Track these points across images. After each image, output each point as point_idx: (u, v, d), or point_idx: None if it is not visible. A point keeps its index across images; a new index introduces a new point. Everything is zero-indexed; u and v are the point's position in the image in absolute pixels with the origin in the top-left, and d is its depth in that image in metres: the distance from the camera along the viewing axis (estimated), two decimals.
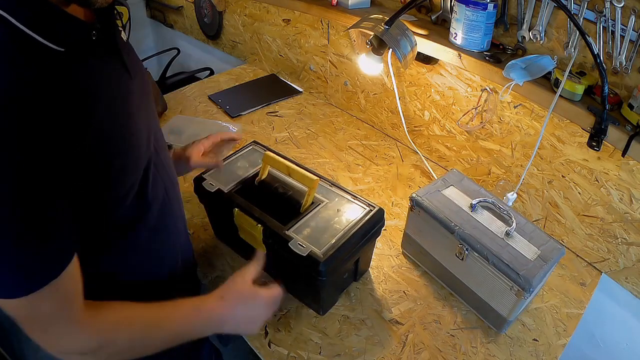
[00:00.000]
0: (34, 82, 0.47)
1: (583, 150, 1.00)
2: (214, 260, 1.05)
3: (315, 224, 0.88)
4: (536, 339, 0.92)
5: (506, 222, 0.93)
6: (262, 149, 1.09)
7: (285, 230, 0.86)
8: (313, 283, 0.86)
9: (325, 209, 0.91)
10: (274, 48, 1.79)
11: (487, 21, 1.00)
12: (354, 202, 0.93)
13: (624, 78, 0.90)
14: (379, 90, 1.46)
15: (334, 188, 0.96)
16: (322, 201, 0.93)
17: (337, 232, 0.86)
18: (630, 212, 0.97)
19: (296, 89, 1.75)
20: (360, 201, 0.93)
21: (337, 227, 0.87)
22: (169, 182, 0.75)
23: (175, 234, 0.79)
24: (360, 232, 0.87)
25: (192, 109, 1.63)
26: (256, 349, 0.88)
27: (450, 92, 1.24)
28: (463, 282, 0.95)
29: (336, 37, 1.50)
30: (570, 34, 0.94)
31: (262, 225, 0.87)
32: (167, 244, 0.77)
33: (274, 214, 0.89)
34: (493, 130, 1.18)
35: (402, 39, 1.05)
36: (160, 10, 2.40)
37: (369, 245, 0.94)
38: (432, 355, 0.88)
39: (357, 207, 0.92)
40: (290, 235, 0.85)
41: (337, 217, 0.90)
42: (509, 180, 1.21)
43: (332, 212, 0.91)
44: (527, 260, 0.85)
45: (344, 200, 0.94)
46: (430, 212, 0.94)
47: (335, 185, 0.97)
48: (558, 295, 1.01)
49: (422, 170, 1.36)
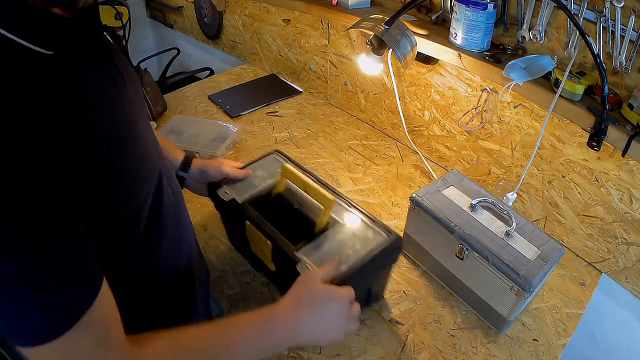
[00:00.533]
0: (21, 94, 0.40)
1: (583, 150, 1.00)
2: (214, 260, 1.05)
3: (329, 247, 0.83)
4: (536, 339, 0.92)
5: (506, 222, 0.93)
6: (283, 159, 1.04)
7: (295, 250, 0.81)
8: None
9: (340, 231, 0.86)
10: (274, 48, 1.79)
11: (487, 21, 1.01)
12: (372, 227, 0.87)
13: (624, 78, 0.90)
14: (379, 90, 1.46)
15: (352, 209, 0.90)
16: (338, 222, 0.88)
17: (350, 258, 0.80)
18: (630, 212, 0.97)
19: (296, 89, 1.75)
20: (378, 226, 0.87)
21: (350, 253, 0.81)
22: (175, 187, 0.72)
23: (187, 242, 0.76)
24: (375, 261, 0.81)
25: (192, 109, 1.63)
26: None
27: (450, 92, 1.24)
28: (463, 282, 0.95)
29: (336, 37, 1.50)
30: (570, 34, 0.94)
31: (271, 243, 0.83)
32: (180, 252, 0.74)
33: (286, 231, 0.84)
34: (493, 130, 1.18)
35: (402, 39, 1.05)
36: (160, 10, 2.40)
37: (383, 272, 0.90)
38: (432, 355, 0.88)
39: (374, 232, 0.86)
40: (299, 256, 0.80)
41: (352, 242, 0.83)
42: (509, 180, 1.21)
43: (347, 236, 0.85)
44: (527, 260, 0.85)
45: (361, 223, 0.88)
46: (430, 212, 0.94)
47: (354, 206, 0.91)
48: (558, 295, 1.01)
49: (422, 170, 1.36)
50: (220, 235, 1.11)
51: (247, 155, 1.38)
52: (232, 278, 1.00)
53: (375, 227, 0.87)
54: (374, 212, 1.19)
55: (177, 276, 0.73)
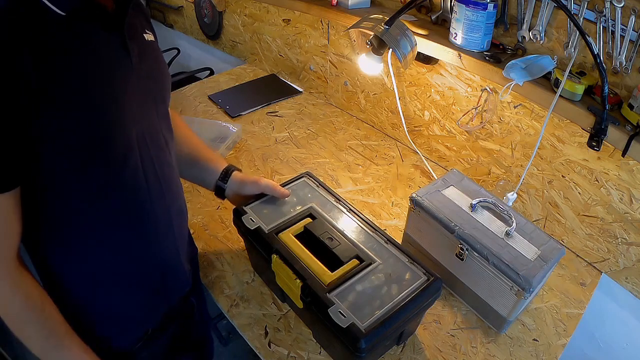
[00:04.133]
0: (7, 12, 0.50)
1: (583, 150, 1.00)
2: (214, 260, 1.05)
3: (362, 288, 0.78)
4: (536, 339, 0.92)
5: (506, 222, 0.93)
6: (314, 183, 0.99)
7: (327, 292, 0.76)
8: (349, 356, 0.75)
9: (375, 272, 0.81)
10: (274, 48, 1.79)
11: (487, 21, 1.01)
12: (410, 267, 0.82)
13: (624, 78, 0.90)
14: (379, 90, 1.46)
15: (389, 245, 0.86)
16: (374, 261, 0.82)
17: (385, 303, 0.75)
18: (630, 212, 0.97)
19: (296, 89, 1.75)
20: (417, 266, 0.82)
21: (385, 296, 0.77)
22: (157, 188, 0.72)
23: (151, 241, 0.75)
24: (412, 305, 0.76)
25: (192, 109, 1.63)
26: (256, 349, 0.88)
27: (450, 92, 1.24)
28: (463, 282, 0.95)
29: (336, 37, 1.50)
30: (570, 34, 0.94)
31: (301, 282, 0.79)
32: (129, 248, 0.73)
33: (315, 269, 0.80)
34: (493, 130, 1.18)
35: (402, 39, 1.05)
36: (160, 10, 2.41)
37: (419, 314, 0.84)
38: (432, 355, 0.88)
39: (411, 274, 0.81)
40: (332, 299, 0.75)
41: (388, 284, 0.78)
42: (509, 180, 1.21)
43: (383, 277, 0.80)
44: (527, 260, 0.85)
45: (398, 263, 0.83)
46: (430, 212, 0.94)
47: (391, 242, 0.86)
48: (558, 295, 1.01)
49: (422, 170, 1.36)
50: (221, 235, 1.11)
51: (248, 155, 1.38)
52: (232, 278, 1.01)
53: (414, 267, 0.82)
54: (374, 212, 1.19)
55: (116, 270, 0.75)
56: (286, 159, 1.37)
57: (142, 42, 0.69)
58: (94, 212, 0.65)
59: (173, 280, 0.84)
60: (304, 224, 0.89)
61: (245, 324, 0.92)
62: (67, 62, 0.56)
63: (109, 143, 0.62)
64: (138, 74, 0.66)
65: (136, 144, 0.67)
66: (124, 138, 0.64)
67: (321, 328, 0.81)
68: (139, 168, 0.68)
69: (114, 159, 0.63)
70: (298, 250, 0.83)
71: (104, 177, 0.64)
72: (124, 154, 0.64)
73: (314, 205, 0.93)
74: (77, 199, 0.63)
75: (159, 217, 0.74)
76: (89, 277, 0.71)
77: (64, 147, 0.58)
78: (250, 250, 0.98)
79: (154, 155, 0.71)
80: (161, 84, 0.73)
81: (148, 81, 0.69)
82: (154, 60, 0.72)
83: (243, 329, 0.91)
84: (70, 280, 0.70)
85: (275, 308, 0.95)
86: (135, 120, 0.66)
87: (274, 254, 0.83)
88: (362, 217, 0.91)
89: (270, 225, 0.88)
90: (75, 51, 0.57)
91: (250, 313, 0.93)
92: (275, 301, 0.96)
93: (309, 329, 0.90)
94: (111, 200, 0.66)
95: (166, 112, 0.76)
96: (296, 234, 0.87)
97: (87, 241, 0.67)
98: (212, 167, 0.96)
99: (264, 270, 0.96)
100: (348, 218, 0.91)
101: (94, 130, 0.60)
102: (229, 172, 0.96)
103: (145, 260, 0.76)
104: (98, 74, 0.60)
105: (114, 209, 0.67)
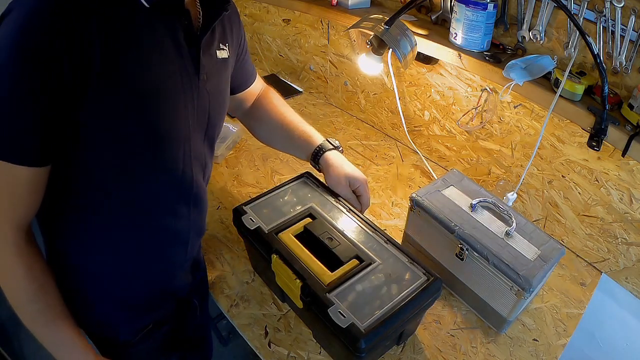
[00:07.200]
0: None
1: (583, 150, 1.00)
2: (214, 260, 1.05)
3: (362, 288, 0.78)
4: (536, 339, 0.92)
5: (506, 222, 0.93)
6: (313, 183, 0.99)
7: (327, 292, 0.76)
8: (349, 356, 0.75)
9: (375, 272, 0.81)
10: (274, 48, 1.79)
11: (487, 21, 1.00)
12: (410, 267, 0.82)
13: (624, 78, 0.90)
14: (379, 90, 1.46)
15: (389, 245, 0.85)
16: (374, 261, 0.82)
17: (385, 303, 0.75)
18: (630, 212, 0.97)
19: (296, 89, 1.75)
20: (416, 266, 0.82)
21: (385, 296, 0.77)
22: (184, 191, 0.75)
23: (165, 239, 0.77)
24: (412, 305, 0.76)
25: None
26: (256, 349, 0.88)
27: (450, 92, 1.24)
28: (463, 282, 0.95)
29: (336, 37, 1.50)
30: (570, 34, 0.94)
31: (301, 282, 0.78)
32: (142, 248, 0.75)
33: (315, 269, 0.80)
34: (493, 130, 1.18)
35: (402, 39, 1.05)
36: None
37: (419, 314, 0.84)
38: (432, 355, 0.88)
39: (411, 274, 0.81)
40: (331, 299, 0.75)
41: (388, 284, 0.79)
42: (509, 180, 1.21)
43: (383, 277, 0.80)
44: (527, 260, 0.85)
45: (398, 263, 0.82)
46: (430, 212, 0.94)
47: (391, 242, 0.86)
48: (558, 295, 1.01)
49: (422, 170, 1.36)
50: (220, 235, 1.11)
51: (248, 155, 1.38)
52: (232, 278, 1.00)
53: (414, 267, 0.82)
54: (374, 212, 1.19)
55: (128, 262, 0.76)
56: (286, 159, 1.37)
57: (214, 59, 0.70)
58: (117, 208, 0.68)
59: (178, 280, 0.87)
60: (303, 224, 0.89)
61: (245, 324, 0.92)
62: (136, 57, 0.56)
63: (157, 151, 0.64)
64: (200, 93, 0.67)
65: (182, 160, 0.69)
66: (172, 152, 0.66)
67: (321, 328, 0.81)
68: (176, 183, 0.71)
69: (162, 165, 0.66)
70: (298, 250, 0.83)
71: (141, 179, 0.66)
72: (169, 168, 0.67)
73: (314, 205, 0.93)
74: (108, 191, 0.65)
75: (180, 231, 0.78)
76: (98, 264, 0.73)
77: (111, 139, 0.59)
78: (250, 250, 0.98)
79: (195, 172, 0.74)
80: (217, 108, 0.74)
81: (205, 103, 0.70)
82: (218, 81, 0.73)
83: (243, 329, 0.91)
84: (78, 264, 0.72)
85: (275, 308, 0.95)
86: (184, 135, 0.68)
87: (273, 254, 0.83)
88: (362, 217, 0.91)
89: (270, 225, 0.88)
90: (147, 49, 0.57)
91: (250, 313, 0.93)
92: (275, 301, 0.96)
93: (309, 329, 0.90)
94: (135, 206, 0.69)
95: (213, 137, 0.77)
96: (296, 234, 0.87)
97: (105, 232, 0.69)
98: (304, 140, 0.98)
99: (264, 270, 0.96)
100: (348, 218, 0.91)
101: (143, 137, 0.61)
102: (321, 152, 0.95)
103: (155, 261, 0.79)
104: (162, 78, 0.60)
105: (138, 210, 0.70)
